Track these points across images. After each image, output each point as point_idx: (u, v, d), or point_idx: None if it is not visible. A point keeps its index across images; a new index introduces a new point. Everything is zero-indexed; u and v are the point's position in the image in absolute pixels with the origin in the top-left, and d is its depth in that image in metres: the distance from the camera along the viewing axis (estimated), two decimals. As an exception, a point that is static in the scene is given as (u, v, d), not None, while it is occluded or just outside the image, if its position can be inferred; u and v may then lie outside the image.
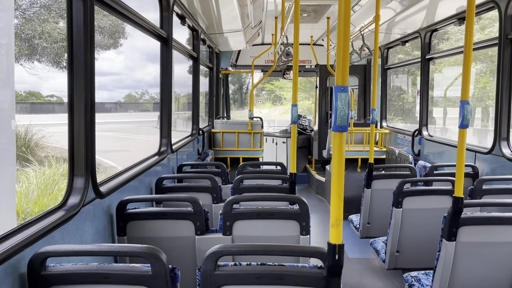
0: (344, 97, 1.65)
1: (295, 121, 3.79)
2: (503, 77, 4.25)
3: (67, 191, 2.37)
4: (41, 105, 11.89)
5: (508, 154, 4.20)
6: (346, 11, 1.62)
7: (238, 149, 7.70)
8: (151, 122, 22.85)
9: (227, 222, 2.78)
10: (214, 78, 8.59)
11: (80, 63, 2.34)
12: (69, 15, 2.29)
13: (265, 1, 5.94)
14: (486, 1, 4.43)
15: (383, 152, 7.66)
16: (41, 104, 11.87)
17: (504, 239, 2.83)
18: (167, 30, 4.25)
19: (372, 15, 4.93)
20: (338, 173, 1.76)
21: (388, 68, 8.05)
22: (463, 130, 2.70)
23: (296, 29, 3.72)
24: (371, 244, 4.56)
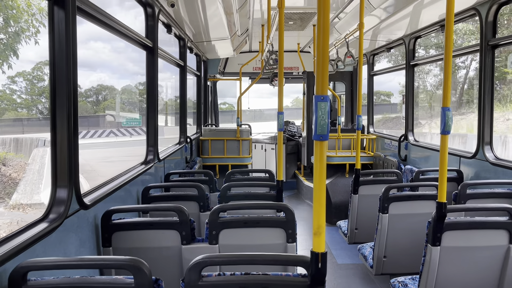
0: (324, 106, 1.67)
1: (282, 128, 3.81)
2: (485, 83, 4.32)
3: (50, 203, 2.34)
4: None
5: (491, 159, 4.26)
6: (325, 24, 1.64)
7: (227, 156, 7.70)
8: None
9: (213, 231, 2.78)
10: (202, 86, 8.60)
11: (63, 73, 2.32)
12: (50, 26, 2.28)
13: (251, 9, 5.97)
14: (467, 8, 4.51)
15: (371, 158, 7.72)
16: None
17: (488, 243, 2.87)
18: (153, 39, 4.25)
19: (357, 22, 4.99)
20: (319, 181, 1.77)
21: (374, 74, 8.14)
22: (445, 136, 2.74)
23: (281, 36, 3.75)
24: (359, 250, 4.58)
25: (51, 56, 2.30)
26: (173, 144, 6.13)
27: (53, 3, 2.26)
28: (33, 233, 2.06)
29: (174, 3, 4.44)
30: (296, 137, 10.94)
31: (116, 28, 3.26)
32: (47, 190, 4.22)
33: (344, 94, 9.89)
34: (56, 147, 2.36)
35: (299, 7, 6.30)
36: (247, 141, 7.87)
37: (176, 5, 4.52)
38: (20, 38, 8.90)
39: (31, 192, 11.98)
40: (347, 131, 8.64)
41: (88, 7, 2.66)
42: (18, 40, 8.96)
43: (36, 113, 26.81)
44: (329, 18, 1.68)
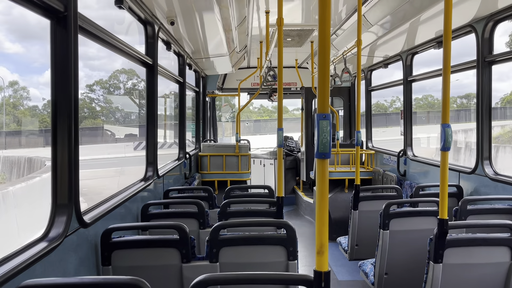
0: (325, 124, 1.68)
1: (281, 144, 3.82)
2: (483, 99, 4.36)
3: (50, 222, 2.32)
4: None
5: (491, 174, 4.27)
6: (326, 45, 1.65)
7: (226, 172, 7.68)
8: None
9: (214, 249, 2.76)
10: (201, 102, 8.63)
11: (64, 92, 2.33)
12: (52, 45, 2.30)
13: (249, 26, 6.04)
14: (464, 25, 4.57)
15: (370, 173, 7.72)
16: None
17: (490, 260, 2.85)
18: (153, 56, 4.28)
19: (355, 39, 5.05)
20: (322, 199, 1.76)
21: (371, 90, 8.19)
22: (445, 153, 2.75)
23: (280, 53, 3.79)
24: (360, 267, 4.54)
25: (52, 75, 2.31)
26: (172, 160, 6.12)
27: (56, 22, 2.28)
28: (33, 252, 2.04)
29: (174, 21, 4.49)
30: (294, 152, 10.95)
31: (117, 46, 3.29)
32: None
33: (342, 109, 9.93)
34: (56, 164, 2.36)
35: (297, 24, 6.38)
36: (246, 157, 7.87)
37: (175, 23, 4.57)
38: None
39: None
40: (345, 146, 8.65)
41: (89, 25, 2.68)
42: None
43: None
44: (330, 39, 1.70)
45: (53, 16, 2.26)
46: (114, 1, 3.27)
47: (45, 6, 2.15)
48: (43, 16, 2.19)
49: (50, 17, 2.25)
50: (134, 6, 3.65)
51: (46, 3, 2.11)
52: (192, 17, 4.50)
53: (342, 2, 5.23)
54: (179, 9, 4.19)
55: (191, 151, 7.29)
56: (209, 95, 9.75)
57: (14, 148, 24.07)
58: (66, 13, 2.28)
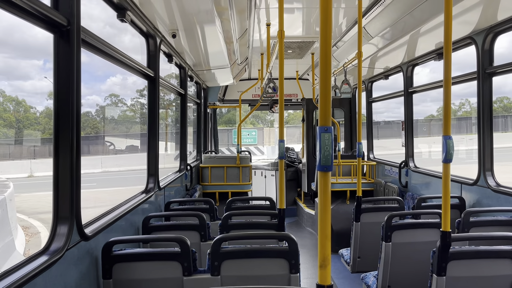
0: (327, 137, 1.68)
1: (282, 156, 3.82)
2: (484, 110, 4.36)
3: (51, 235, 2.32)
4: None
5: (493, 185, 4.26)
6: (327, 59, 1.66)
7: (227, 183, 7.67)
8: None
9: (216, 262, 2.74)
10: (202, 113, 8.65)
11: (67, 106, 2.34)
12: (55, 59, 2.31)
13: (250, 38, 6.08)
14: (463, 37, 4.60)
15: (371, 184, 7.70)
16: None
17: (493, 273, 2.83)
18: (154, 69, 4.31)
19: (355, 51, 5.07)
20: (324, 212, 1.76)
21: (372, 101, 8.21)
22: (447, 165, 2.74)
23: (281, 66, 3.81)
24: (363, 279, 4.50)
25: (55, 89, 2.33)
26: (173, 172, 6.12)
27: (59, 36, 2.30)
28: (34, 266, 2.03)
29: (175, 33, 4.52)
30: (295, 163, 10.93)
31: (119, 59, 3.31)
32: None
33: (343, 120, 9.95)
34: (58, 177, 2.36)
35: (298, 36, 6.42)
36: (247, 168, 7.86)
37: (177, 36, 4.61)
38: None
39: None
40: (346, 157, 8.64)
41: (92, 39, 2.70)
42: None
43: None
44: (331, 54, 1.71)
45: (56, 30, 2.28)
46: (117, 15, 3.30)
47: (48, 20, 2.17)
48: (46, 30, 2.21)
49: (53, 31, 2.27)
50: (136, 20, 3.68)
51: (49, 17, 2.13)
52: (194, 29, 4.54)
53: (343, 14, 5.27)
54: (181, 22, 4.23)
55: (192, 162, 7.29)
56: (210, 106, 9.77)
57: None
58: (69, 27, 2.30)
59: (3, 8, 1.86)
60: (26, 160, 21.09)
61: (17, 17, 1.99)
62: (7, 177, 20.32)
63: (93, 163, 23.99)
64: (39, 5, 2.00)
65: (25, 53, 26.49)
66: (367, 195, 7.62)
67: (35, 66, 29.42)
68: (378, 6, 4.55)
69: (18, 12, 1.95)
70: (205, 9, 3.88)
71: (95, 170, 22.99)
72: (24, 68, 28.13)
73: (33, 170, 19.82)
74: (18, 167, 20.28)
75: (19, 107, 24.33)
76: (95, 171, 23.02)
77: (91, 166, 22.97)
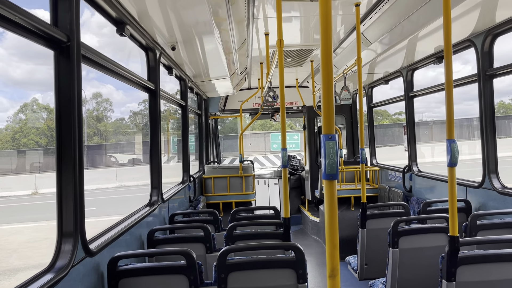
0: (332, 145, 1.67)
1: (286, 165, 3.79)
2: (486, 112, 4.35)
3: (56, 252, 2.30)
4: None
5: (498, 187, 4.22)
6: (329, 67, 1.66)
7: (230, 193, 7.64)
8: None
9: (222, 274, 2.71)
10: (204, 124, 8.66)
11: (68, 121, 2.34)
12: (56, 75, 2.31)
13: (249, 48, 6.10)
14: (462, 40, 4.60)
15: (376, 190, 7.66)
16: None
17: (504, 277, 2.79)
18: (155, 81, 4.31)
19: (354, 57, 5.08)
20: (331, 221, 1.74)
21: (373, 106, 8.21)
22: (452, 169, 2.72)
23: (281, 74, 3.81)
24: (370, 286, 4.45)
25: (56, 104, 2.32)
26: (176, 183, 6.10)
27: (59, 53, 2.30)
28: (40, 284, 2.00)
29: (175, 46, 4.54)
30: (298, 171, 10.90)
31: (119, 73, 3.32)
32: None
33: (345, 127, 9.94)
34: (61, 192, 2.34)
35: (297, 44, 6.44)
36: (250, 177, 7.84)
37: (176, 48, 4.62)
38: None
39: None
40: (349, 163, 8.62)
41: (92, 54, 2.71)
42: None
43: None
44: (332, 58, 1.70)
45: (56, 46, 2.28)
46: (116, 30, 3.31)
47: (47, 37, 2.17)
48: (46, 47, 2.21)
49: (53, 48, 2.27)
50: (135, 33, 3.69)
51: (48, 34, 2.13)
52: (193, 41, 4.55)
53: (341, 21, 5.29)
54: (180, 34, 4.24)
55: (195, 173, 7.27)
56: (212, 117, 9.78)
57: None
58: (69, 43, 2.30)
59: (3, 26, 1.86)
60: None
61: (16, 34, 2.00)
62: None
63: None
64: (38, 22, 2.00)
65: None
66: (371, 201, 7.58)
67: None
68: (375, 12, 4.56)
69: (18, 30, 1.96)
70: (203, 21, 3.89)
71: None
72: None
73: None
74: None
75: (52, 115, 24.91)
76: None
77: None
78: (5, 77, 32.01)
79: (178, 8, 3.52)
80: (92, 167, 27.53)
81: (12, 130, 28.62)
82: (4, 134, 28.09)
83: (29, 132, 27.46)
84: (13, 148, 26.82)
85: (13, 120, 29.85)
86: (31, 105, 30.10)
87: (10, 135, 28.01)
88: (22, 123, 28.64)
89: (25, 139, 27.03)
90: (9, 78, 32.89)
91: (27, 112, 29.99)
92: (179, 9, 3.54)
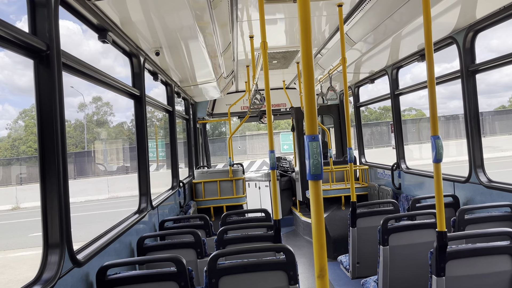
0: (315, 145, 1.66)
1: (274, 167, 3.79)
2: (470, 108, 4.40)
3: (42, 264, 2.26)
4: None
5: (485, 182, 4.27)
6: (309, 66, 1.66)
7: (221, 197, 7.61)
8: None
9: (213, 279, 2.70)
10: (192, 129, 8.62)
11: (51, 130, 2.30)
12: (36, 84, 2.28)
13: (235, 51, 6.09)
14: (444, 37, 4.65)
15: (365, 188, 7.70)
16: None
17: (492, 270, 2.82)
18: (140, 87, 4.29)
19: (339, 57, 5.10)
20: (318, 221, 1.73)
21: (360, 105, 8.25)
22: (438, 165, 2.74)
23: (266, 76, 3.81)
24: (363, 285, 4.47)
25: (38, 114, 2.29)
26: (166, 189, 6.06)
27: (39, 61, 2.28)
28: None
29: (159, 51, 4.51)
30: (289, 173, 10.91)
31: (103, 80, 3.29)
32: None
33: (333, 126, 9.98)
34: (46, 202, 2.31)
35: (282, 46, 6.45)
36: (241, 181, 7.83)
37: (161, 53, 4.60)
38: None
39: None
40: (338, 163, 8.65)
41: (74, 62, 2.68)
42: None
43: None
44: (312, 59, 1.70)
45: (35, 55, 2.25)
46: (98, 36, 3.29)
47: (26, 46, 2.14)
48: (25, 56, 2.18)
49: (32, 57, 2.24)
50: (118, 40, 3.67)
51: (27, 43, 2.11)
52: (177, 46, 4.54)
53: (325, 21, 5.31)
54: (164, 39, 4.22)
55: (185, 179, 7.23)
56: (200, 121, 9.76)
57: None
58: (49, 51, 2.28)
59: None
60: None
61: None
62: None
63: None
64: (16, 32, 1.98)
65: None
66: (361, 200, 7.61)
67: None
68: (358, 12, 4.59)
69: None
70: (187, 25, 3.88)
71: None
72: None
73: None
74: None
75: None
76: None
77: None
78: (11, 85, 31.78)
79: (161, 14, 3.51)
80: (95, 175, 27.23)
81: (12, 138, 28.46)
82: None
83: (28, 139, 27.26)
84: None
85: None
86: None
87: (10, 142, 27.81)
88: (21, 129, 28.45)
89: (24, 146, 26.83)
90: (15, 87, 32.69)
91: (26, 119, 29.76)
92: (161, 14, 3.52)
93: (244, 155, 30.62)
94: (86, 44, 36.80)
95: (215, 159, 23.92)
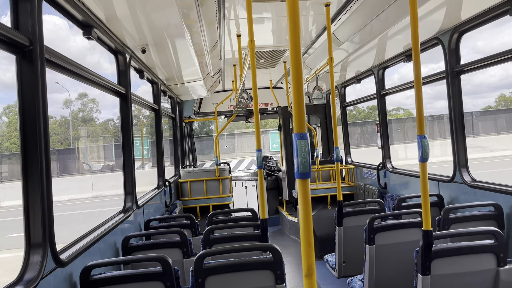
0: (304, 144, 1.66)
1: (261, 166, 3.78)
2: (455, 108, 4.45)
3: (24, 264, 2.21)
4: None
5: (469, 181, 4.33)
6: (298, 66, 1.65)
7: (207, 197, 7.58)
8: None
9: (199, 279, 2.67)
10: (178, 128, 8.56)
11: (33, 127, 2.25)
12: (19, 79, 2.23)
13: (222, 50, 6.06)
14: (430, 38, 4.70)
15: (351, 187, 7.74)
16: None
17: (476, 268, 2.85)
18: (125, 85, 4.23)
19: (326, 57, 5.12)
20: (306, 220, 1.72)
21: (346, 105, 8.30)
22: (424, 164, 2.76)
23: (253, 75, 3.79)
24: (349, 284, 4.48)
25: (20, 110, 2.24)
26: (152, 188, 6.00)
27: (21, 57, 2.22)
28: None
29: (145, 49, 4.46)
30: (275, 172, 10.92)
31: (87, 77, 3.23)
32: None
33: (320, 126, 10.02)
34: (28, 201, 2.26)
35: (269, 45, 6.44)
36: (227, 180, 7.80)
37: (147, 51, 4.55)
38: None
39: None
40: (325, 162, 8.69)
41: (57, 58, 2.63)
42: None
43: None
44: (301, 60, 1.69)
45: (18, 50, 2.20)
46: (82, 33, 3.23)
47: (8, 41, 2.09)
48: (7, 51, 2.12)
49: (15, 52, 2.19)
50: (103, 37, 3.61)
51: (9, 37, 2.05)
52: (164, 44, 4.49)
53: (312, 21, 5.32)
54: (150, 37, 4.18)
55: (171, 178, 7.17)
56: (186, 120, 9.70)
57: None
58: (32, 47, 2.22)
59: None
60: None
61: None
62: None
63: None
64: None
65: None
66: (347, 199, 7.65)
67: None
68: (345, 12, 4.61)
69: None
70: (174, 23, 3.84)
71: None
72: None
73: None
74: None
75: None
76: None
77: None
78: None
79: (147, 11, 3.46)
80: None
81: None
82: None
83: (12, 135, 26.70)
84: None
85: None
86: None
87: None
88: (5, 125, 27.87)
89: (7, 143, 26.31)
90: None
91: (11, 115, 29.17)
92: (148, 11, 3.48)
93: (233, 154, 30.42)
94: (73, 40, 36.19)
95: (204, 157, 23.76)
